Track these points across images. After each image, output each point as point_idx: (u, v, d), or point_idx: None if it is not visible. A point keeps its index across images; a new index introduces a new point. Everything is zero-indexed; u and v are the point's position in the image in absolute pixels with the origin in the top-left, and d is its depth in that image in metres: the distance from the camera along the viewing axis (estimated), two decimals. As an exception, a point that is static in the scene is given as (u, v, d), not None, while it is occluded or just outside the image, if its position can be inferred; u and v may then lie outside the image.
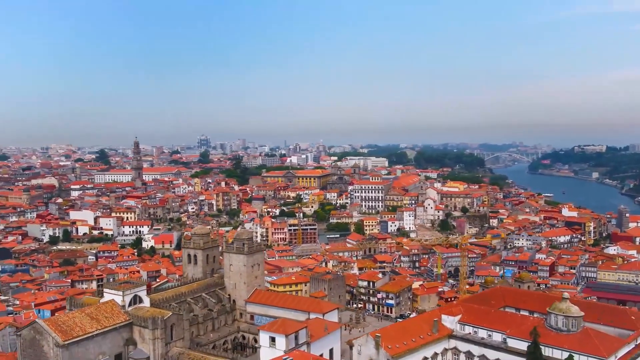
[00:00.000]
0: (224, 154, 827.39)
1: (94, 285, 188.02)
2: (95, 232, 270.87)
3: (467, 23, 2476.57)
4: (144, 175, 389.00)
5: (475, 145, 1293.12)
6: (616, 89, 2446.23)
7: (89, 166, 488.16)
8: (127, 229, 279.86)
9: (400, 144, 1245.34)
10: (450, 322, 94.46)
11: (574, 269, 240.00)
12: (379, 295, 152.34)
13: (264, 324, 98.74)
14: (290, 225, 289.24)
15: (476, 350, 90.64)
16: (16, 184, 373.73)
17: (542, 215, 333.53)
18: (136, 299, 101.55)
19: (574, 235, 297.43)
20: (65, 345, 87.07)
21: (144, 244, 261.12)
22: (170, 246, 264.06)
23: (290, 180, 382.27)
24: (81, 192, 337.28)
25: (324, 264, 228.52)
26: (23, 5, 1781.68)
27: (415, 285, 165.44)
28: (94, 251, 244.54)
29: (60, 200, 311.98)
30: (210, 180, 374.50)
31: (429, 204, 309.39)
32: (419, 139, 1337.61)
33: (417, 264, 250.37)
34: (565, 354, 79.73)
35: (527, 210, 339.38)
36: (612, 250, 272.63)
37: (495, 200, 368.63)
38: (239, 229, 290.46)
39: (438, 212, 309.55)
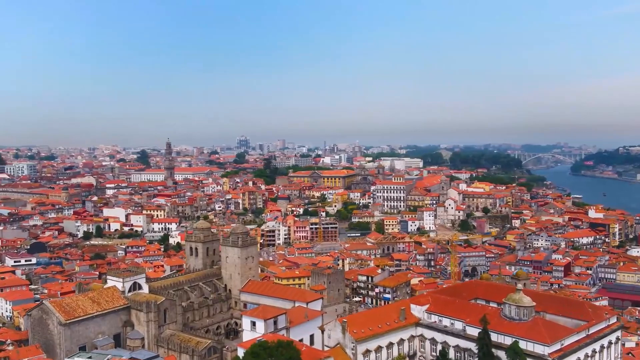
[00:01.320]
0: (260, 155, 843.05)
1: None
2: (126, 229, 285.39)
3: (504, 23, 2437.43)
4: (177, 175, 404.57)
5: (517, 146, 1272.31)
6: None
7: (127, 166, 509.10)
8: (156, 226, 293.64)
9: (440, 145, 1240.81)
10: (418, 311, 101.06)
11: (591, 269, 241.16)
12: (377, 290, 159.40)
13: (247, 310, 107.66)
14: (311, 224, 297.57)
15: (439, 337, 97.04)
16: (58, 182, 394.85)
17: (567, 217, 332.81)
18: (136, 286, 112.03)
19: (598, 237, 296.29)
20: (67, 324, 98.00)
21: (171, 240, 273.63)
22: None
23: (315, 180, 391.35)
24: (115, 190, 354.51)
25: (339, 261, 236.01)
26: (70, 8, 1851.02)
27: (415, 281, 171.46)
28: (124, 246, 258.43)
29: (95, 198, 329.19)
30: (238, 180, 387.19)
31: (449, 204, 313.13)
32: (460, 140, 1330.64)
33: (432, 263, 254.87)
34: (514, 341, 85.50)
35: (552, 211, 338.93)
36: (635, 252, 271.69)
37: (521, 201, 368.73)
38: (262, 226, 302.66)
39: (458, 212, 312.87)
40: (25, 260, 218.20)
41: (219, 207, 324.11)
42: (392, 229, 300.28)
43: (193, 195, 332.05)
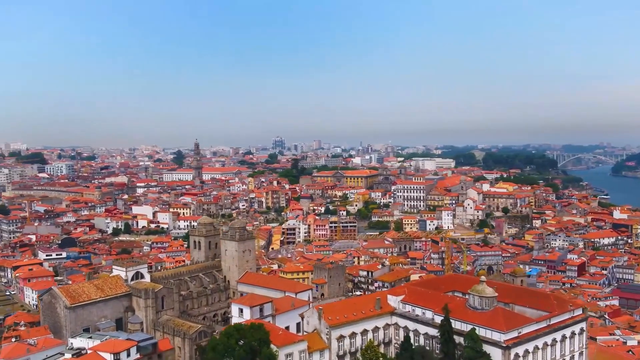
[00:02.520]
0: (293, 155, 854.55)
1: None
2: (153, 226, 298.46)
3: (542, 21, 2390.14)
4: (205, 175, 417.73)
5: (558, 147, 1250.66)
6: None
7: (161, 166, 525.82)
8: (182, 223, 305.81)
9: (477, 145, 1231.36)
10: (394, 301, 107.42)
11: (606, 270, 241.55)
12: (376, 284, 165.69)
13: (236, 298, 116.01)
14: (331, 222, 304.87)
15: (411, 325, 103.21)
16: (93, 181, 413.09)
17: (590, 217, 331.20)
18: (138, 275, 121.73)
19: (620, 238, 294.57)
20: (72, 307, 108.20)
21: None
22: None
23: (338, 180, 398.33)
24: (145, 189, 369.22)
25: (355, 259, 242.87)
26: (106, 10, 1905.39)
27: (415, 277, 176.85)
28: (150, 242, 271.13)
29: (126, 196, 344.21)
30: (263, 180, 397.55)
31: (468, 204, 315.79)
32: (499, 140, 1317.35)
33: (445, 261, 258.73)
34: (476, 328, 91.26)
35: (574, 211, 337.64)
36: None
37: (545, 202, 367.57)
38: (284, 224, 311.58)
39: (477, 212, 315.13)
40: (56, 254, 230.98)
41: (242, 205, 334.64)
42: (411, 228, 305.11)
43: (218, 194, 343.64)
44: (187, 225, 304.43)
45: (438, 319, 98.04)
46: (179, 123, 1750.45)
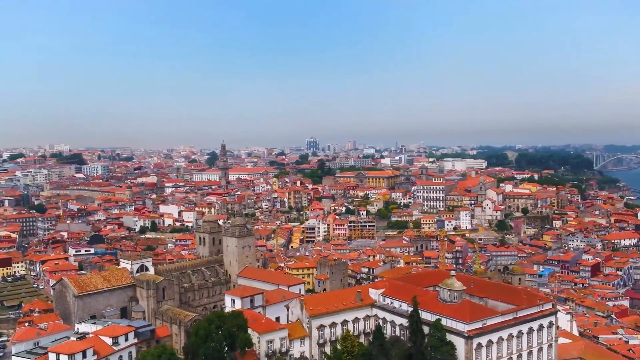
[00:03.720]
0: (326, 156, 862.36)
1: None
2: (178, 224, 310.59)
3: (583, 18, 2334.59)
4: (233, 175, 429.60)
5: (599, 147, 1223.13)
6: None
7: (192, 167, 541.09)
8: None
9: (515, 146, 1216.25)
10: (374, 294, 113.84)
11: (621, 270, 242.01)
12: (377, 280, 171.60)
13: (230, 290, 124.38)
14: (350, 222, 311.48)
15: (389, 317, 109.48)
16: (125, 181, 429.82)
17: (613, 218, 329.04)
18: (143, 268, 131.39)
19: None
20: (79, 296, 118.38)
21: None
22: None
23: (361, 181, 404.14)
24: (173, 189, 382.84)
25: (370, 257, 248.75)
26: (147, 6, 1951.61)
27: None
28: (174, 240, 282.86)
29: (154, 196, 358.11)
30: (287, 180, 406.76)
31: (487, 205, 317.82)
32: (538, 140, 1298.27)
33: (460, 260, 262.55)
34: (441, 319, 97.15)
35: (596, 212, 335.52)
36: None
37: (569, 202, 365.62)
38: (304, 224, 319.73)
39: (496, 212, 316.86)
40: (85, 250, 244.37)
41: (265, 205, 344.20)
42: (429, 228, 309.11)
43: (242, 193, 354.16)
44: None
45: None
46: (219, 124, 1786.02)
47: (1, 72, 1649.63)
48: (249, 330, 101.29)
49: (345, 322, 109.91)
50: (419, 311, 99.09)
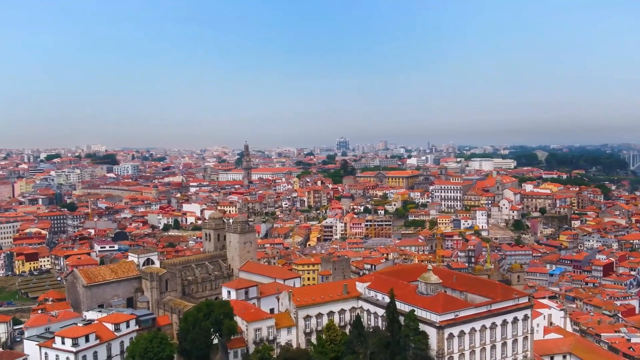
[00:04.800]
0: (354, 155, 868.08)
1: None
2: (200, 222, 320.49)
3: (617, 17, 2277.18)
4: (257, 175, 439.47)
5: (639, 147, 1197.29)
6: None
7: (220, 167, 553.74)
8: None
9: (550, 145, 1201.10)
10: (361, 287, 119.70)
11: (635, 270, 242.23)
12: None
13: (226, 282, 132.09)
14: (366, 221, 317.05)
15: (372, 308, 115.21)
16: (153, 181, 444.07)
17: (635, 219, 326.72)
18: (149, 261, 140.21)
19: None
20: (88, 286, 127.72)
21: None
22: (258, 235, 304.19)
23: (380, 180, 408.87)
24: (197, 188, 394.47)
25: (384, 256, 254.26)
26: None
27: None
28: (195, 237, 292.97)
29: (179, 195, 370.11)
30: (308, 180, 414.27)
31: (503, 204, 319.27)
32: (575, 140, 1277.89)
33: (472, 259, 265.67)
34: (416, 310, 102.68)
35: (617, 212, 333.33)
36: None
37: (590, 203, 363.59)
38: (322, 222, 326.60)
39: (513, 212, 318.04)
40: (109, 247, 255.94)
41: (285, 204, 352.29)
42: (445, 227, 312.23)
43: (263, 193, 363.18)
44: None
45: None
46: (253, 124, 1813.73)
47: (44, 73, 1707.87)
48: (239, 319, 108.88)
49: (331, 313, 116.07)
50: (398, 303, 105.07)
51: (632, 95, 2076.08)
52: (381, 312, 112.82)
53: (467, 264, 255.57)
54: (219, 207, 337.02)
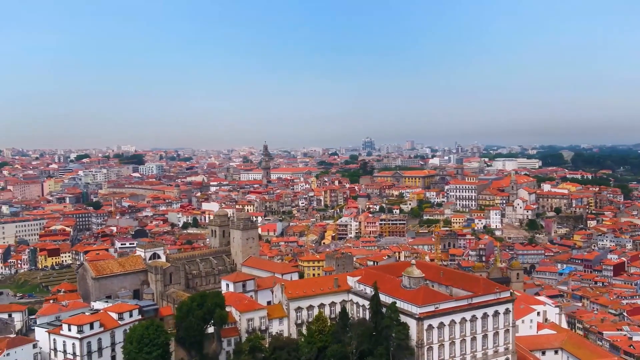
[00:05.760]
0: (378, 155, 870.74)
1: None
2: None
3: None
4: (276, 174, 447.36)
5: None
6: None
7: (243, 166, 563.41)
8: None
9: (581, 145, 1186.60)
10: (351, 281, 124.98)
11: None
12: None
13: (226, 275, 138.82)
14: (381, 220, 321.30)
15: (361, 301, 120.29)
16: (176, 180, 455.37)
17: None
18: (155, 255, 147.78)
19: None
20: (97, 278, 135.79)
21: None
22: (274, 234, 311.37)
23: (397, 180, 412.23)
24: (217, 187, 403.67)
25: (396, 254, 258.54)
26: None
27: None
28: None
29: (199, 194, 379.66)
30: (326, 180, 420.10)
31: (518, 204, 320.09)
32: (608, 139, 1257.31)
33: (483, 258, 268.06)
34: (397, 302, 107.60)
35: (635, 212, 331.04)
36: None
37: (609, 203, 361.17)
38: (337, 221, 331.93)
39: (527, 211, 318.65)
40: (129, 244, 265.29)
41: (302, 203, 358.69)
42: (458, 226, 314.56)
43: (280, 192, 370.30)
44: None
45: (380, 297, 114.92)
46: (282, 124, 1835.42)
47: (80, 73, 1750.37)
48: (233, 310, 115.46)
49: (322, 306, 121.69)
50: (383, 296, 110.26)
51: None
52: (368, 304, 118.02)
53: (476, 263, 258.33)
54: (237, 206, 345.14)
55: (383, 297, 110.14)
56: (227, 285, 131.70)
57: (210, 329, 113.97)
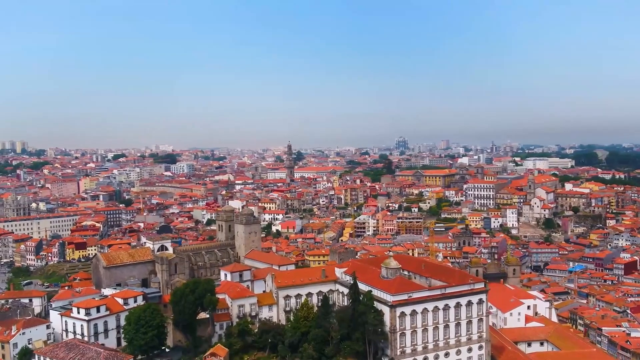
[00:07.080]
0: (408, 155, 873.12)
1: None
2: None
3: None
4: (301, 173, 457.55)
5: None
6: None
7: (270, 165, 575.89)
8: (266, 216, 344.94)
9: (622, 144, 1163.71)
10: (338, 272, 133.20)
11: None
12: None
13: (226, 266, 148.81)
14: (398, 218, 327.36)
15: (346, 290, 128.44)
16: (205, 179, 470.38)
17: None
18: (163, 247, 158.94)
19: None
20: (108, 268, 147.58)
21: (273, 228, 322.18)
22: (293, 231, 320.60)
23: (418, 179, 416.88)
24: (242, 186, 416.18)
25: (409, 251, 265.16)
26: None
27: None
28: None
29: (224, 192, 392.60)
30: (348, 179, 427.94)
31: (535, 203, 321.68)
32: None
33: (495, 256, 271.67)
34: (374, 290, 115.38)
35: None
36: None
37: (632, 202, 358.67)
38: (356, 219, 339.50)
39: (544, 210, 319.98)
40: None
41: (323, 201, 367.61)
42: (475, 225, 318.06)
43: (302, 190, 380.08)
44: (271, 218, 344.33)
45: (361, 286, 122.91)
46: (318, 123, 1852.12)
47: (123, 73, 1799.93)
48: (226, 296, 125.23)
49: (310, 294, 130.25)
50: (363, 285, 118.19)
51: None
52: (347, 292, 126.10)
53: (487, 260, 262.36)
54: (259, 204, 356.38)
55: (363, 287, 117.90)
56: (226, 275, 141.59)
57: (207, 315, 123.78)
